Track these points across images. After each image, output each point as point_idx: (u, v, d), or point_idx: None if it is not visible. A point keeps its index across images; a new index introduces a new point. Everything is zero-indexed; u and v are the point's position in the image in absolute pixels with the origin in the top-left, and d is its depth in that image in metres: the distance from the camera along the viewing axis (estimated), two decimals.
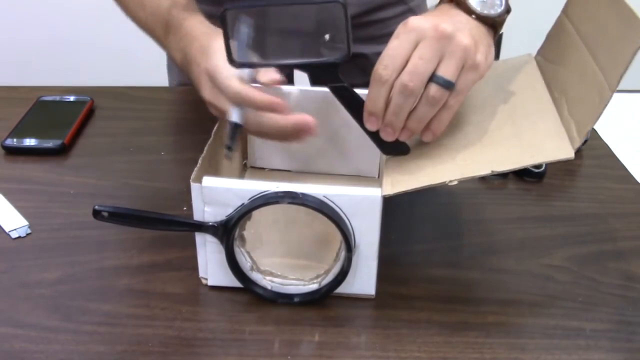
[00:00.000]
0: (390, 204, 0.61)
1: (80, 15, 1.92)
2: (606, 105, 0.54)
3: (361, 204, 0.58)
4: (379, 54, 0.80)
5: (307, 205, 0.57)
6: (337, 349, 0.58)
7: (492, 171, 0.57)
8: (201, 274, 0.64)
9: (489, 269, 0.68)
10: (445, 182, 0.58)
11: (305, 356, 0.57)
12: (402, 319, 0.61)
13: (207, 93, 0.65)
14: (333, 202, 0.58)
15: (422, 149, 0.63)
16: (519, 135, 0.60)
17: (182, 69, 0.73)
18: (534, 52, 0.73)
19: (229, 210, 0.59)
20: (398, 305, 0.63)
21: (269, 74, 0.64)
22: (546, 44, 0.70)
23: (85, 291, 0.64)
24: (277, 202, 0.58)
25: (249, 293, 0.63)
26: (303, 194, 0.58)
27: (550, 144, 0.58)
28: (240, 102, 0.62)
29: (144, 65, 1.31)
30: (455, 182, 0.57)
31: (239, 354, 0.57)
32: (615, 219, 0.76)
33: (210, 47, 0.65)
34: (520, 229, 0.74)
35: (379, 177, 0.79)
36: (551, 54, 0.68)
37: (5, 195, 0.77)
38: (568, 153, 0.56)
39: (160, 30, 0.76)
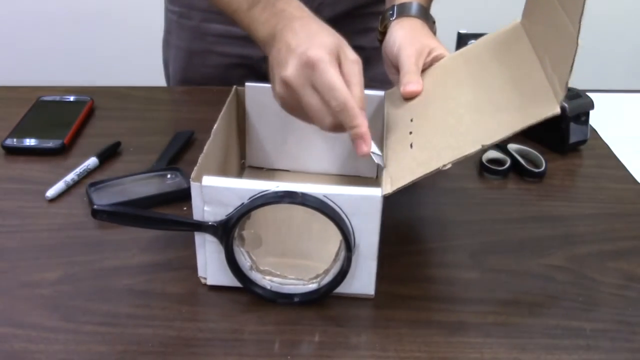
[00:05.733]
0: (391, 204, 0.61)
1: (81, 15, 1.92)
2: (575, 52, 0.53)
3: (361, 203, 0.58)
4: (374, 48, 0.81)
5: (307, 205, 0.57)
6: (337, 349, 0.58)
7: (482, 146, 0.56)
8: (200, 273, 0.64)
9: (488, 269, 0.68)
10: (438, 168, 0.57)
11: (305, 356, 0.57)
12: (402, 319, 0.61)
13: (292, 75, 0.62)
14: (333, 202, 0.58)
15: (418, 141, 0.63)
16: (508, 104, 0.60)
17: (260, 42, 0.70)
18: None
19: (229, 210, 0.59)
20: (398, 305, 0.63)
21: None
22: (527, 5, 0.69)
23: (85, 291, 0.64)
24: (277, 202, 0.57)
25: (249, 293, 0.63)
26: (303, 194, 0.58)
27: (536, 105, 0.57)
28: (338, 112, 0.61)
29: (144, 65, 1.31)
30: (449, 166, 0.57)
31: (239, 354, 0.57)
32: (615, 219, 0.76)
33: (313, 37, 0.63)
34: (520, 229, 0.74)
35: (377, 177, 0.79)
36: (532, 15, 0.67)
37: (5, 195, 0.77)
38: (553, 109, 0.55)
39: (243, 2, 0.72)
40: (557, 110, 0.54)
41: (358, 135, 0.61)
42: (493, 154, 0.85)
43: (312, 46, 0.62)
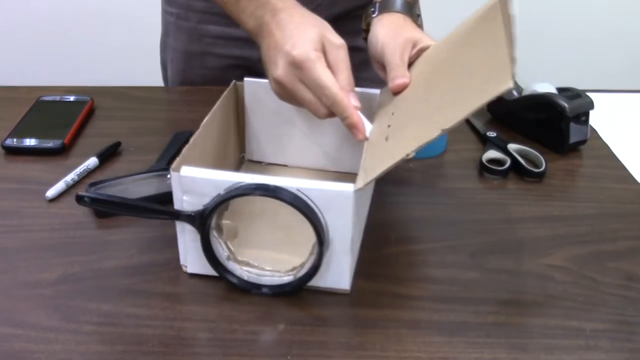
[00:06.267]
0: (390, 203, 0.61)
1: (80, 15, 1.92)
2: (511, 22, 0.53)
3: (334, 198, 0.58)
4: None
5: (280, 198, 0.58)
6: (337, 348, 0.58)
7: (442, 130, 0.56)
8: (182, 261, 0.65)
9: (488, 269, 0.68)
10: (402, 157, 0.57)
11: (305, 356, 0.57)
12: (402, 319, 0.61)
13: (282, 75, 0.66)
14: (306, 197, 0.58)
15: (392, 133, 0.63)
16: (471, 85, 0.59)
17: (250, 34, 0.73)
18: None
19: (206, 200, 0.60)
20: (398, 305, 0.63)
21: (355, 100, 0.66)
22: None
23: (85, 291, 0.64)
24: (250, 194, 0.58)
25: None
26: (276, 187, 0.58)
27: (492, 82, 0.55)
28: (330, 106, 0.64)
29: (144, 65, 1.31)
30: (412, 154, 0.56)
31: (239, 354, 0.57)
32: (615, 219, 0.76)
33: (296, 32, 0.66)
34: (520, 229, 0.74)
35: None
36: None
37: (5, 195, 0.77)
38: (507, 84, 0.53)
39: None
40: (509, 84, 0.53)
41: (351, 125, 0.65)
42: (493, 154, 0.85)
43: (297, 43, 0.65)
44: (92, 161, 0.81)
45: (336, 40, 0.66)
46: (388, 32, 0.75)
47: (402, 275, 0.66)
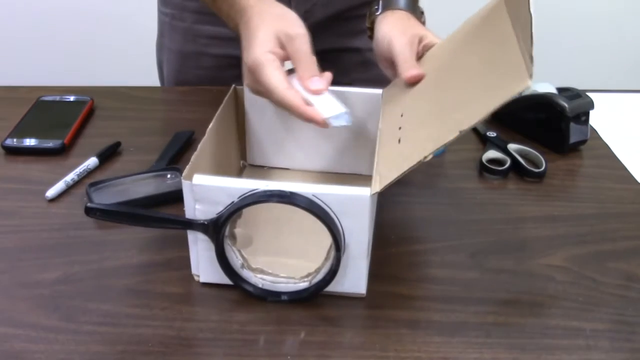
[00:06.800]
0: (390, 203, 0.61)
1: (80, 15, 1.92)
2: (531, 21, 0.53)
3: (350, 203, 0.58)
4: (370, 49, 0.82)
5: (296, 204, 0.57)
6: (337, 348, 0.58)
7: (460, 132, 0.55)
8: (193, 270, 0.64)
9: (488, 269, 0.68)
10: (420, 160, 0.56)
11: (305, 356, 0.57)
12: (402, 319, 0.61)
13: (247, 82, 0.68)
14: (322, 201, 0.58)
15: (405, 135, 0.63)
16: (485, 85, 0.59)
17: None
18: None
19: (220, 208, 0.59)
20: (398, 305, 0.63)
21: (316, 83, 0.66)
22: None
23: (85, 291, 0.64)
24: (266, 201, 0.58)
25: (240, 290, 0.63)
26: (292, 193, 0.58)
27: (509, 82, 0.55)
28: (282, 107, 0.64)
29: (143, 65, 1.31)
30: (430, 157, 0.56)
31: (239, 354, 0.57)
32: (615, 219, 0.76)
33: (251, 36, 0.66)
34: (520, 229, 0.74)
35: None
36: None
37: (5, 195, 0.77)
38: (525, 83, 0.53)
39: None
40: (527, 84, 0.53)
41: (306, 120, 0.64)
42: (493, 154, 0.85)
43: (250, 49, 0.65)
44: (92, 161, 0.81)
45: (291, 31, 0.65)
46: (394, 28, 0.75)
47: (402, 275, 0.66)
